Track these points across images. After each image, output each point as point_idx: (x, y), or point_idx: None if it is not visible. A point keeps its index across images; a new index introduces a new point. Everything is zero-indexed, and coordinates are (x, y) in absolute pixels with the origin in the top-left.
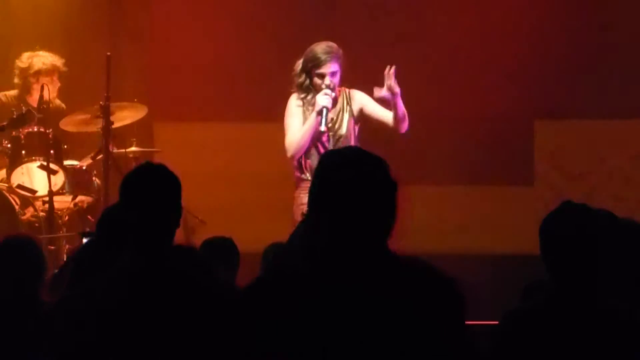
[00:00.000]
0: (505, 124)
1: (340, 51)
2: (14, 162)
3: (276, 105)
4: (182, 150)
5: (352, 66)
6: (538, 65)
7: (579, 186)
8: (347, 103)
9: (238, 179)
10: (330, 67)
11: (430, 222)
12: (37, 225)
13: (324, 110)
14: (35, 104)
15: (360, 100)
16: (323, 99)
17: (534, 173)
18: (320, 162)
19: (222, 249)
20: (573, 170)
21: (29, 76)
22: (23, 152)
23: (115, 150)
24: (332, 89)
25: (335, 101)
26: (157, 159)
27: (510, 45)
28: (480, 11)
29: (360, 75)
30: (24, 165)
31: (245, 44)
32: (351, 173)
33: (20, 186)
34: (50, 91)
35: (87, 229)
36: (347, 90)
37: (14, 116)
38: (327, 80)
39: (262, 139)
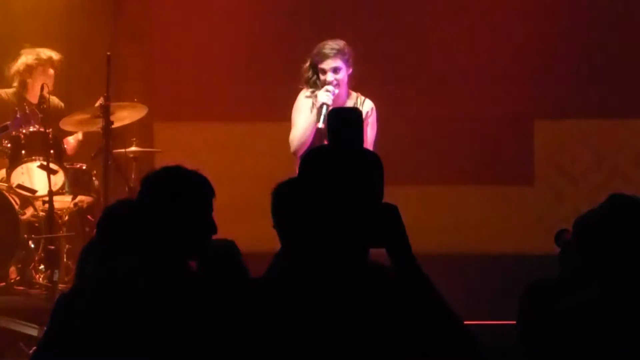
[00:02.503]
0: (505, 124)
1: (348, 49)
2: (14, 162)
3: (277, 105)
4: (182, 150)
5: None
6: (538, 65)
7: (579, 186)
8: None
9: (238, 179)
10: (332, 63)
11: (430, 222)
12: (37, 225)
13: (324, 107)
14: (33, 100)
15: (366, 111)
16: (323, 96)
17: (534, 173)
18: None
19: (224, 252)
20: (573, 170)
21: (23, 71)
22: (23, 152)
23: (115, 150)
24: (335, 86)
25: (338, 99)
26: (157, 159)
27: (511, 46)
28: (480, 11)
29: (360, 75)
30: (23, 165)
31: (245, 44)
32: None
33: (20, 186)
34: (47, 84)
35: None
36: (362, 96)
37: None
38: (330, 77)
39: (262, 139)
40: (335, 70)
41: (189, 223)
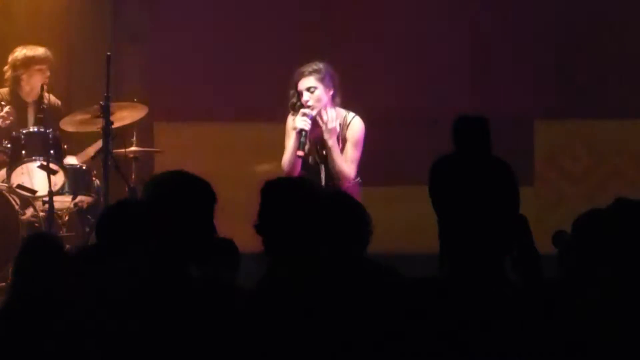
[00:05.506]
0: (505, 124)
1: (327, 70)
2: (14, 162)
3: (276, 105)
4: (182, 150)
5: (351, 65)
6: (538, 65)
7: (579, 186)
8: (342, 128)
9: (238, 179)
10: (307, 83)
11: (430, 222)
12: (37, 225)
13: (302, 134)
14: (27, 98)
15: (349, 132)
16: (300, 122)
17: (534, 173)
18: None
19: (223, 250)
20: (573, 170)
21: (17, 67)
22: (23, 152)
23: (115, 150)
24: (311, 108)
25: (314, 121)
26: (157, 159)
27: (511, 45)
28: (480, 12)
29: (360, 76)
30: (24, 165)
31: (245, 44)
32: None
33: (20, 186)
34: (43, 82)
35: None
36: (351, 114)
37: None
38: (305, 96)
39: (262, 139)
40: (310, 89)
41: (191, 227)
